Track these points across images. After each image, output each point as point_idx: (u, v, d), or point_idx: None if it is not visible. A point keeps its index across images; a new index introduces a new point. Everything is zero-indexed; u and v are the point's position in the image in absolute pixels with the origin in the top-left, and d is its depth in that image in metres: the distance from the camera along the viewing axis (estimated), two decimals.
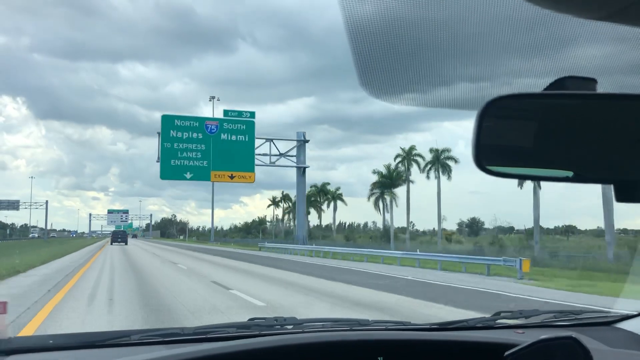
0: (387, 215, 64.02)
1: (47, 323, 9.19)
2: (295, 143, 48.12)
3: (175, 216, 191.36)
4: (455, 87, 1.42)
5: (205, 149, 42.14)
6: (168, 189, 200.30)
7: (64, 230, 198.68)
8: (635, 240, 45.25)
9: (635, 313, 2.52)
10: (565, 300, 12.78)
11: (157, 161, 42.48)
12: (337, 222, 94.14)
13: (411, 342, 2.06)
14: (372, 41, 1.23)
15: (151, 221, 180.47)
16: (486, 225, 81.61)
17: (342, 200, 78.76)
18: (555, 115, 1.17)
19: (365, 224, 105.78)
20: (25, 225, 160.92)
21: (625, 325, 2.49)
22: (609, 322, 2.56)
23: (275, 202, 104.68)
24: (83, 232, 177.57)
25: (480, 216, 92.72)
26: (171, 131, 41.93)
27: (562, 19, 1.20)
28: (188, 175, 41.92)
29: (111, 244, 71.97)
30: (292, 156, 47.43)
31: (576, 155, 1.16)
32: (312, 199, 77.03)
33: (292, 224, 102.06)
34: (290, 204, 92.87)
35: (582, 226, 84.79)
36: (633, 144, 1.12)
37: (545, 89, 1.17)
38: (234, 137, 42.88)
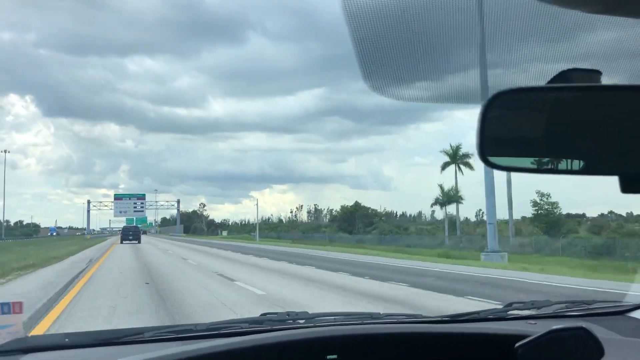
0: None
1: None
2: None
3: (204, 206, 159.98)
4: (459, 79, 1.42)
5: None
6: (178, 185, 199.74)
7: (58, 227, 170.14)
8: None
9: None
10: None
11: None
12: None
13: (423, 334, 2.06)
14: (374, 31, 1.22)
15: (178, 210, 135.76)
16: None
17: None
18: (559, 108, 1.17)
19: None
20: None
21: (637, 314, 2.48)
22: (621, 312, 2.55)
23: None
24: (84, 230, 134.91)
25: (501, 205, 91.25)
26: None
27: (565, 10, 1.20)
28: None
29: (121, 242, 58.87)
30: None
31: (580, 148, 1.16)
32: None
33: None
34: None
35: None
36: (637, 135, 1.12)
37: (549, 82, 1.17)
38: None
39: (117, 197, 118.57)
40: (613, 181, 1.13)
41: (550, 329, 1.66)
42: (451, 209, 60.36)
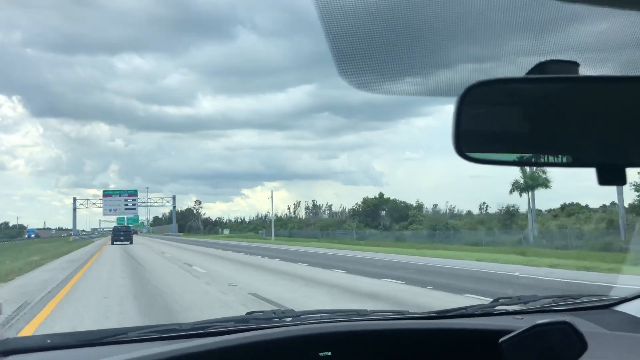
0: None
1: None
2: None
3: (200, 203, 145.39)
4: (437, 73, 1.41)
5: None
6: (168, 184, 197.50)
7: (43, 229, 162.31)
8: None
9: (633, 295, 2.51)
10: None
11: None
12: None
13: (409, 331, 2.06)
14: (349, 24, 1.20)
15: (174, 207, 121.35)
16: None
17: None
18: (537, 99, 1.16)
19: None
20: None
21: (623, 308, 2.49)
22: (607, 306, 2.56)
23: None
24: (70, 231, 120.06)
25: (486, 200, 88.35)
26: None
27: (543, 1, 1.20)
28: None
29: (112, 243, 55.68)
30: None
31: (558, 139, 1.16)
32: None
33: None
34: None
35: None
36: (614, 127, 1.12)
37: (527, 73, 1.17)
38: None
39: (107, 194, 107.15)
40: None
41: (534, 323, 1.66)
42: (445, 205, 57.87)
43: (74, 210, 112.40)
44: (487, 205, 74.99)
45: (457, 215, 75.88)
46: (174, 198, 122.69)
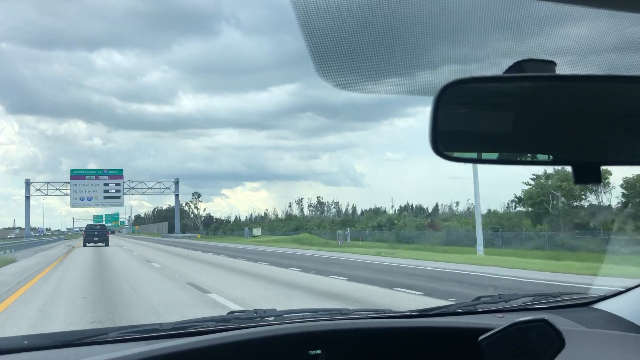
0: None
1: None
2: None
3: (199, 196, 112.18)
4: (418, 73, 1.41)
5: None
6: (148, 184, 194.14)
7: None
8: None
9: (612, 294, 2.54)
10: None
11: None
12: None
13: (391, 329, 2.07)
14: (327, 23, 1.19)
15: (178, 196, 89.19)
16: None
17: None
18: (514, 98, 1.17)
19: None
20: None
21: (602, 305, 2.51)
22: (586, 303, 2.58)
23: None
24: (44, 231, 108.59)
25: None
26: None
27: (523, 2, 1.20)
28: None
29: (84, 244, 48.15)
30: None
31: (535, 137, 1.17)
32: None
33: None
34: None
35: None
36: (590, 126, 1.13)
37: (504, 72, 1.17)
38: None
39: (76, 175, 73.16)
40: None
41: (513, 321, 1.67)
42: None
43: (27, 199, 79.28)
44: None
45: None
46: (177, 183, 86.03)
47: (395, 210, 79.12)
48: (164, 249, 41.16)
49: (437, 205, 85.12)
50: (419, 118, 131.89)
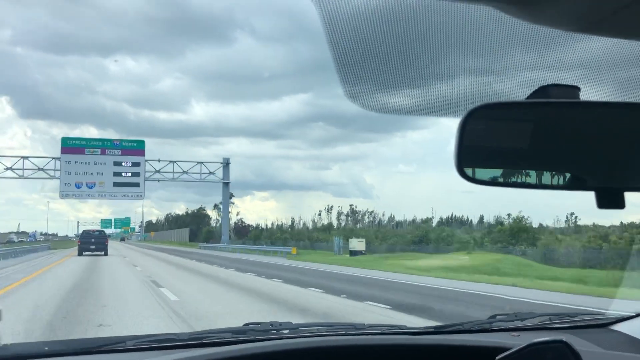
0: None
1: None
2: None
3: (231, 197, 78.98)
4: (444, 89, 1.42)
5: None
6: (156, 190, 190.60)
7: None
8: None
9: (630, 315, 2.52)
10: None
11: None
12: None
13: (407, 346, 2.06)
14: (356, 47, 1.20)
15: (227, 185, 58.88)
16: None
17: None
18: (537, 123, 1.18)
19: None
20: None
21: (620, 327, 2.49)
22: (604, 324, 2.56)
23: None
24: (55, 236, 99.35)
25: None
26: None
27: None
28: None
29: (79, 254, 40.07)
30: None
31: (557, 163, 1.18)
32: None
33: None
34: None
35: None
36: (614, 151, 1.14)
37: (528, 97, 1.19)
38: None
39: (71, 147, 47.29)
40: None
41: (531, 342, 1.67)
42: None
43: None
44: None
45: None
46: (226, 165, 57.15)
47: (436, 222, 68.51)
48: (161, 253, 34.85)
49: (482, 217, 73.14)
50: (432, 130, 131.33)
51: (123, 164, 48.72)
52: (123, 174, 48.67)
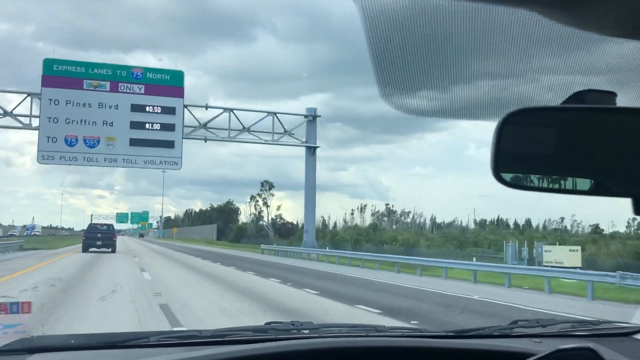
0: None
1: None
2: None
3: (270, 188, 75.83)
4: (471, 92, 1.41)
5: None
6: (173, 188, 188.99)
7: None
8: None
9: None
10: None
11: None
12: None
13: (428, 349, 2.06)
14: (393, 47, 1.20)
15: (314, 152, 37.85)
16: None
17: None
18: (574, 128, 1.18)
19: None
20: None
21: None
22: (627, 333, 2.53)
23: None
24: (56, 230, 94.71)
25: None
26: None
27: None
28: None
29: (84, 250, 35.13)
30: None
31: (593, 168, 1.18)
32: None
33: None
34: None
35: None
36: None
37: (564, 102, 1.18)
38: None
39: (56, 74, 29.63)
40: None
41: (557, 348, 1.65)
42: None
43: None
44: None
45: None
46: (313, 118, 38.35)
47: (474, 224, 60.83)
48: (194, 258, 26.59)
49: (529, 221, 63.83)
50: (450, 132, 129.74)
51: (148, 108, 31.15)
52: (147, 125, 31.10)
